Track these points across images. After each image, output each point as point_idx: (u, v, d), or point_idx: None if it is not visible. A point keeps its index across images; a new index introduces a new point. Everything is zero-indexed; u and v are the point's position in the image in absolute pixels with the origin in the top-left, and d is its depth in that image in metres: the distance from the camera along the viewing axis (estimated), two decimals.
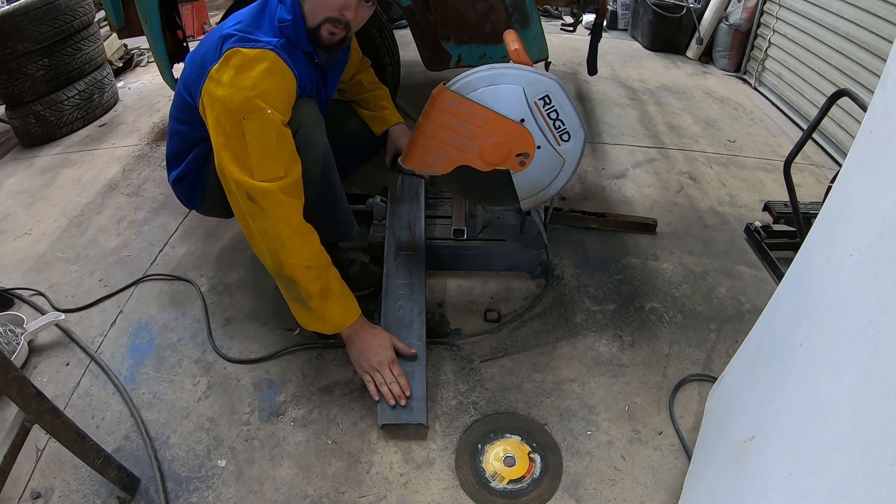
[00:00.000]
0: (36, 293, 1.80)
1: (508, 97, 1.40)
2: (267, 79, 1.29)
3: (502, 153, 1.46)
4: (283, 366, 1.55)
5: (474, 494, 1.25)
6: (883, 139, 0.83)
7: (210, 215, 1.79)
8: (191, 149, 1.57)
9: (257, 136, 1.28)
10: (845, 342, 0.78)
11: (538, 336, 1.65)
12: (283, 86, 1.33)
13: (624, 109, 3.16)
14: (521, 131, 1.43)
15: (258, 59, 1.29)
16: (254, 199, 1.29)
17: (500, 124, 1.42)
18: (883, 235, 0.75)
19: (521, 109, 1.41)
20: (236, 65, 1.28)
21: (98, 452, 1.15)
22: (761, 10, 3.49)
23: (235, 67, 1.28)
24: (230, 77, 1.28)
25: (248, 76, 1.28)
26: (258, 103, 1.27)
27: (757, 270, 1.94)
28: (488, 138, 1.43)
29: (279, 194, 1.30)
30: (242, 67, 1.28)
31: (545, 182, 1.54)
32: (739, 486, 0.95)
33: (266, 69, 1.29)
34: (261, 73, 1.28)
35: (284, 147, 1.32)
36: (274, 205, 1.30)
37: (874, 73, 2.50)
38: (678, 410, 1.44)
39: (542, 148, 1.47)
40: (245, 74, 1.28)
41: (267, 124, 1.28)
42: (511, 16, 2.05)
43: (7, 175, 2.55)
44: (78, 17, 2.76)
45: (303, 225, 1.35)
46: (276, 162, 1.30)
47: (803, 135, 1.74)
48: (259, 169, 1.28)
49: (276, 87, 1.31)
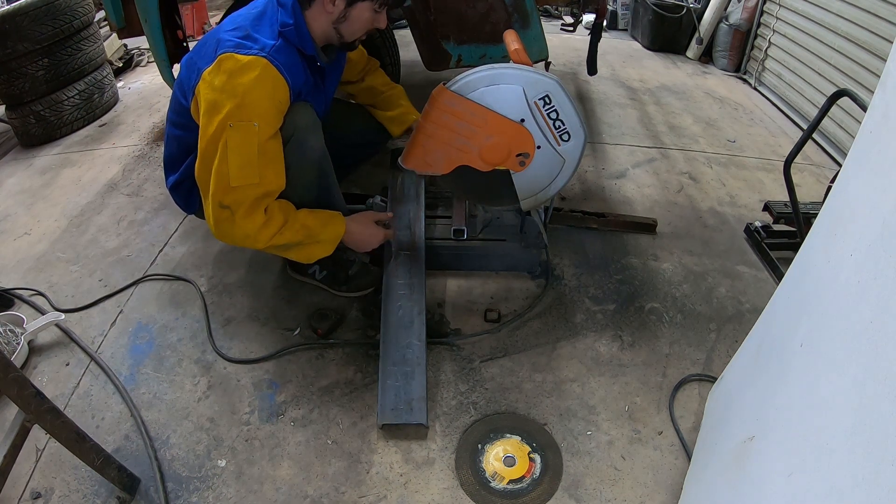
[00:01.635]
0: (36, 293, 1.80)
1: (508, 97, 1.40)
2: (257, 87, 1.30)
3: (502, 153, 1.46)
4: (283, 366, 1.55)
5: (474, 494, 1.25)
6: (883, 139, 0.83)
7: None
8: (187, 154, 1.58)
9: (238, 145, 1.31)
10: (845, 342, 0.78)
11: (538, 336, 1.65)
12: (274, 94, 1.34)
13: (624, 109, 3.16)
14: (521, 131, 1.43)
15: (250, 66, 1.30)
16: (226, 205, 1.35)
17: (500, 124, 1.42)
18: (883, 235, 0.75)
19: (521, 109, 1.41)
20: (228, 70, 1.30)
21: (98, 452, 1.15)
22: (761, 10, 3.49)
23: (227, 73, 1.30)
24: (221, 82, 1.30)
25: (238, 83, 1.29)
26: (245, 113, 1.29)
27: (757, 270, 1.94)
28: (488, 138, 1.43)
29: (250, 202, 1.35)
30: (234, 73, 1.30)
31: (545, 182, 1.53)
32: (739, 486, 0.95)
33: (257, 77, 1.30)
34: (251, 81, 1.30)
35: (263, 160, 1.35)
36: (243, 214, 1.35)
37: (874, 73, 2.50)
38: (678, 410, 1.44)
39: (543, 148, 1.47)
40: (236, 81, 1.29)
41: (251, 136, 1.31)
42: (511, 16, 2.05)
43: (7, 175, 2.55)
44: (78, 17, 2.76)
45: (269, 219, 1.40)
46: (252, 171, 1.33)
47: (803, 135, 1.74)
48: (236, 175, 1.32)
49: (265, 96, 1.32)
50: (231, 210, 1.35)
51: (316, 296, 1.76)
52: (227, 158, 1.31)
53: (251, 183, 1.33)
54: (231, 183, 1.32)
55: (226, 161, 1.31)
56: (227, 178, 1.32)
